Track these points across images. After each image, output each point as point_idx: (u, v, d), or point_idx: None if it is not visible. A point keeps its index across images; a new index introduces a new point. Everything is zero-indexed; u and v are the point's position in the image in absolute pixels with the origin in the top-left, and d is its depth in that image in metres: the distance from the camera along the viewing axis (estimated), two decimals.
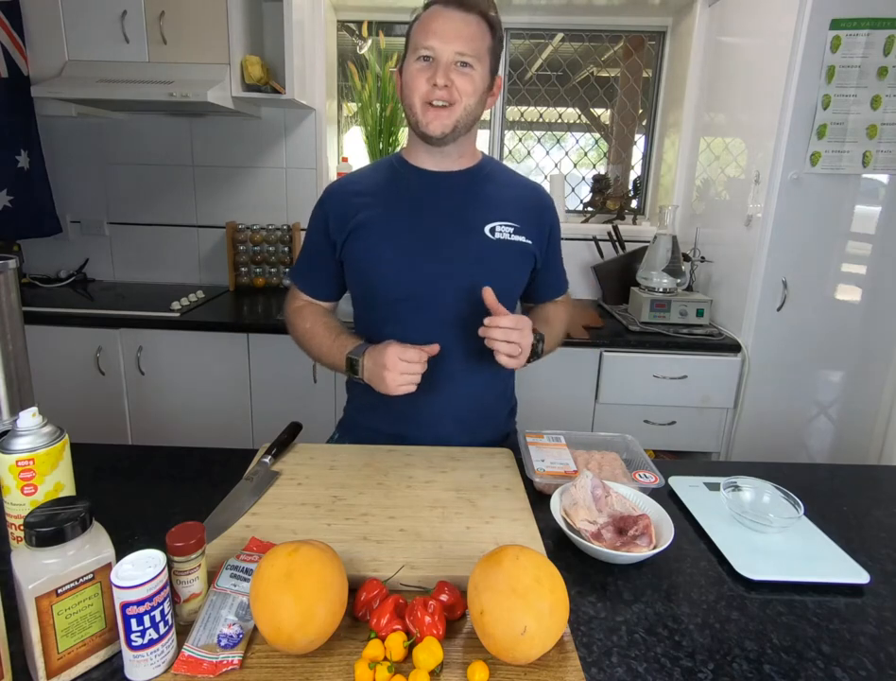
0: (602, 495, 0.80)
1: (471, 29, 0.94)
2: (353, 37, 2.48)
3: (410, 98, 0.97)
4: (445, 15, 0.93)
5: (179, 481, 0.92)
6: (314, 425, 1.15)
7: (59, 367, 1.91)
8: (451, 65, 0.93)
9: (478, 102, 0.97)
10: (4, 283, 0.86)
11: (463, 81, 0.94)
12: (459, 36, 0.92)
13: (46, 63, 1.96)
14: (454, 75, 0.94)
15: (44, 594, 0.51)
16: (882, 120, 1.66)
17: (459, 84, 0.94)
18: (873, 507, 0.91)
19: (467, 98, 0.95)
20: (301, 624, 0.53)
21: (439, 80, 0.92)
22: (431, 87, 0.94)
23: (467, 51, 0.93)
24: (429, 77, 0.93)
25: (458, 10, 0.93)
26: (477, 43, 0.94)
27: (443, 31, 0.92)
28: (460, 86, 0.94)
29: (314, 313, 1.11)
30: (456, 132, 0.97)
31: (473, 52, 0.93)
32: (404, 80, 0.98)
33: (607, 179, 2.50)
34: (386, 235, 1.01)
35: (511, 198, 1.06)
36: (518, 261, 1.05)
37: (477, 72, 0.95)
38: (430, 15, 0.94)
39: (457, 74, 0.94)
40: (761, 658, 0.60)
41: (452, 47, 0.92)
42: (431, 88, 0.94)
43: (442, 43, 0.92)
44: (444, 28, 0.92)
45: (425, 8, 0.96)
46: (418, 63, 0.95)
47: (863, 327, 1.83)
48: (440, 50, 0.92)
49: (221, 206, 2.40)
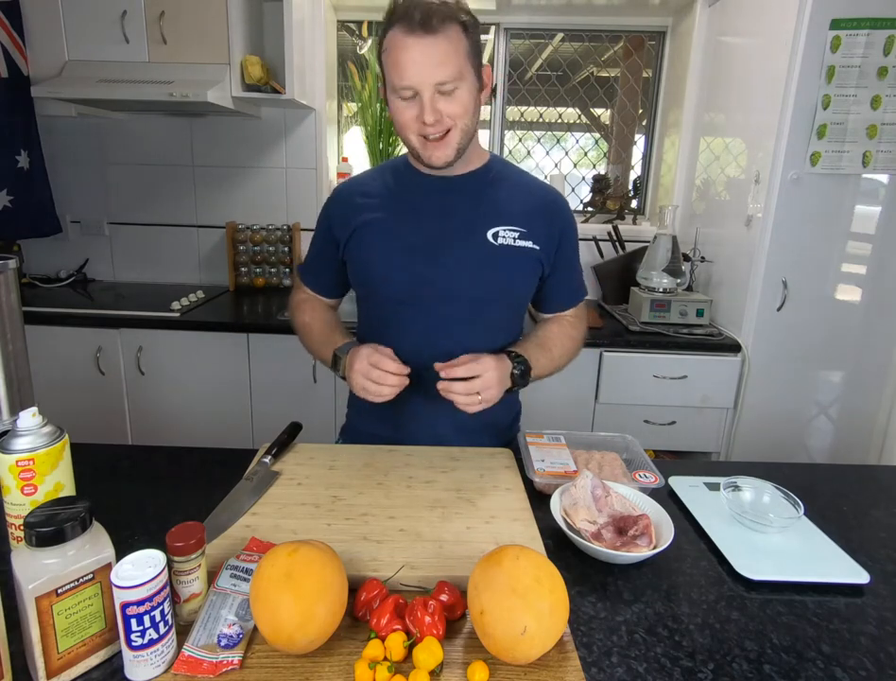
0: (602, 495, 0.80)
1: (442, 50, 0.85)
2: (353, 37, 2.48)
3: (405, 135, 0.94)
4: (412, 45, 0.85)
5: (179, 481, 0.92)
6: (314, 425, 1.15)
7: (59, 367, 1.91)
8: (434, 97, 0.88)
9: (473, 113, 0.93)
10: (4, 283, 0.86)
11: (452, 106, 0.89)
12: (434, 64, 0.85)
13: (46, 63, 1.97)
14: (440, 105, 0.88)
15: (44, 594, 0.51)
16: (882, 120, 1.66)
17: (449, 111, 0.89)
18: (873, 507, 0.91)
19: (461, 120, 0.91)
20: (301, 624, 0.53)
21: (428, 118, 0.88)
22: (421, 124, 0.90)
23: (446, 78, 0.86)
24: (416, 114, 0.89)
25: (424, 36, 0.84)
26: (454, 61, 0.87)
27: (415, 65, 0.85)
28: (451, 112, 0.89)
29: (314, 308, 1.13)
30: (460, 153, 0.95)
31: (453, 74, 0.87)
32: (393, 116, 0.94)
33: (607, 179, 2.50)
34: (387, 237, 1.00)
35: (519, 200, 1.03)
36: (522, 267, 1.02)
37: (463, 88, 0.89)
38: (396, 47, 0.86)
39: (444, 102, 0.88)
40: (761, 658, 0.60)
41: (429, 80, 0.86)
42: (421, 125, 0.90)
43: (419, 78, 0.86)
44: (415, 61, 0.85)
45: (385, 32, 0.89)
46: (400, 102, 0.90)
47: (863, 327, 1.83)
48: (419, 85, 0.87)
49: (221, 206, 2.40)
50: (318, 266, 1.13)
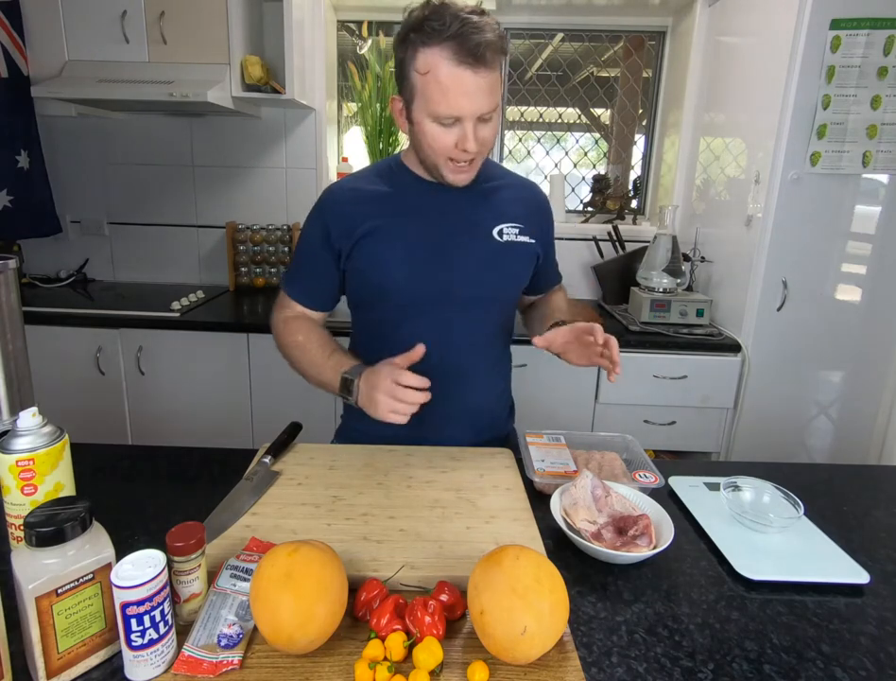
0: (602, 495, 0.80)
1: (492, 83, 0.86)
2: (353, 37, 2.48)
3: (434, 156, 0.92)
4: (464, 79, 0.83)
5: (179, 481, 0.92)
6: (314, 425, 1.15)
7: (59, 367, 1.91)
8: (476, 124, 0.88)
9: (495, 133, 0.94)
10: (4, 283, 0.86)
11: (488, 133, 0.90)
12: (483, 96, 0.85)
13: (46, 63, 1.97)
14: (479, 131, 0.89)
15: (44, 594, 0.51)
16: (882, 120, 1.66)
17: (485, 138, 0.90)
18: (873, 507, 0.91)
19: (489, 145, 0.93)
20: (301, 624, 0.53)
21: (471, 147, 0.88)
22: (458, 151, 0.89)
23: (491, 109, 0.87)
24: (456, 141, 0.89)
25: (478, 70, 0.83)
26: (498, 92, 0.88)
27: (466, 96, 0.84)
28: (486, 139, 0.90)
29: (306, 326, 1.06)
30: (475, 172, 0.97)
31: (495, 103, 0.88)
32: (422, 140, 0.92)
33: (607, 179, 2.50)
34: (394, 241, 0.99)
35: (514, 198, 1.05)
36: (524, 261, 1.06)
37: (497, 113, 0.90)
38: (446, 75, 0.84)
39: (481, 127, 0.89)
40: (761, 658, 0.60)
41: (476, 111, 0.86)
42: (458, 151, 0.89)
43: (468, 110, 0.86)
44: (467, 93, 0.84)
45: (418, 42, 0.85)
46: (438, 127, 0.89)
47: (863, 327, 1.83)
48: (466, 116, 0.86)
49: (221, 206, 2.40)
50: (310, 276, 1.06)
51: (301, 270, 1.08)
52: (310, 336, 1.03)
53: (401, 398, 0.84)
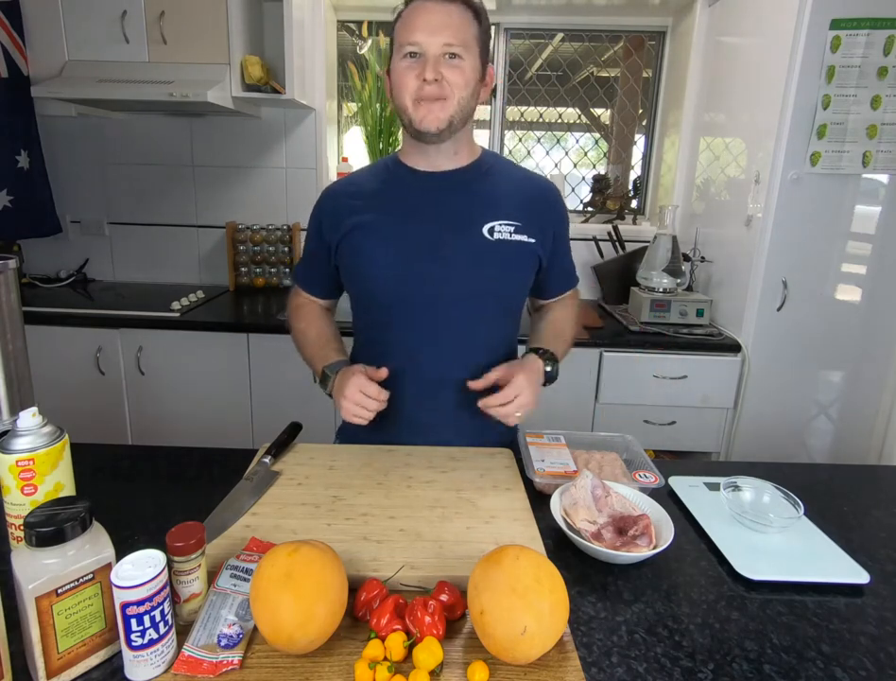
0: (602, 495, 0.80)
1: (455, 18, 0.90)
2: (353, 37, 2.48)
3: (401, 98, 0.94)
4: (427, 7, 0.90)
5: (179, 481, 0.92)
6: (314, 425, 1.15)
7: (59, 367, 1.91)
8: (439, 59, 0.90)
9: (471, 94, 0.94)
10: (4, 283, 0.86)
11: (454, 74, 0.91)
12: (444, 26, 0.89)
13: (46, 63, 1.97)
14: (443, 68, 0.90)
15: (44, 594, 0.51)
16: (882, 120, 1.66)
17: (450, 77, 0.91)
18: (873, 507, 0.91)
19: (459, 91, 0.92)
20: (301, 624, 0.53)
21: (429, 75, 0.89)
22: (421, 83, 0.91)
23: (454, 41, 0.90)
24: (418, 73, 0.91)
25: (444, 3, 0.90)
26: (464, 33, 0.91)
27: (427, 24, 0.89)
28: (451, 79, 0.91)
29: (311, 314, 1.12)
30: (452, 128, 0.95)
31: (461, 42, 0.90)
32: (393, 81, 0.95)
33: (607, 179, 2.50)
34: (380, 237, 0.99)
35: (513, 194, 1.02)
36: (519, 262, 1.01)
37: (467, 62, 0.92)
38: (412, 10, 0.92)
39: (447, 67, 0.91)
40: (761, 658, 0.60)
41: (438, 39, 0.89)
42: (421, 84, 0.91)
43: (428, 37, 0.89)
44: (428, 21, 0.89)
45: (406, 5, 0.94)
46: (405, 61, 0.92)
47: (863, 327, 1.83)
48: (427, 44, 0.89)
49: (221, 206, 2.40)
50: (312, 267, 1.11)
51: (305, 259, 1.14)
52: (311, 325, 1.10)
53: (363, 405, 0.91)
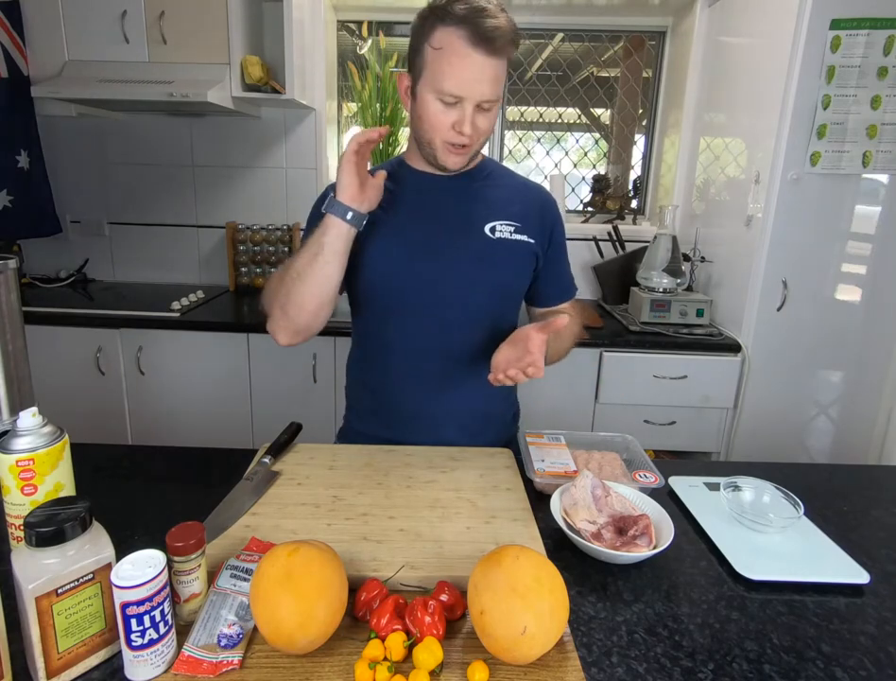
0: (602, 495, 0.80)
1: (499, 71, 0.89)
2: (353, 37, 2.48)
3: (429, 134, 0.94)
4: (474, 60, 0.86)
5: (179, 481, 0.92)
6: (314, 425, 1.15)
7: (59, 367, 1.91)
8: (475, 110, 0.90)
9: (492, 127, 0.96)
10: (4, 283, 0.86)
11: (485, 123, 0.92)
12: (488, 81, 0.88)
13: (46, 63, 1.97)
14: (477, 119, 0.91)
15: (44, 594, 0.51)
16: (882, 120, 1.66)
17: (482, 127, 0.92)
18: (873, 507, 0.91)
19: (485, 135, 0.95)
20: (301, 624, 0.53)
21: (466, 129, 0.90)
22: (455, 133, 0.91)
23: (493, 98, 0.90)
24: (454, 122, 0.90)
25: (489, 57, 0.86)
26: (501, 83, 0.91)
27: (472, 78, 0.87)
28: (483, 129, 0.93)
29: None
30: (470, 162, 0.98)
31: (497, 95, 0.91)
32: (422, 115, 0.93)
33: (607, 179, 2.50)
34: (385, 237, 0.99)
35: (512, 197, 1.05)
36: (519, 260, 1.04)
37: (496, 107, 0.93)
38: (456, 53, 0.86)
39: (480, 117, 0.91)
40: (761, 658, 0.60)
41: (478, 95, 0.88)
42: (455, 134, 0.91)
43: (471, 92, 0.88)
44: (474, 75, 0.87)
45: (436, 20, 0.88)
46: (439, 104, 0.90)
47: (863, 327, 1.83)
48: (468, 99, 0.88)
49: (221, 206, 2.40)
50: None
51: None
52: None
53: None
